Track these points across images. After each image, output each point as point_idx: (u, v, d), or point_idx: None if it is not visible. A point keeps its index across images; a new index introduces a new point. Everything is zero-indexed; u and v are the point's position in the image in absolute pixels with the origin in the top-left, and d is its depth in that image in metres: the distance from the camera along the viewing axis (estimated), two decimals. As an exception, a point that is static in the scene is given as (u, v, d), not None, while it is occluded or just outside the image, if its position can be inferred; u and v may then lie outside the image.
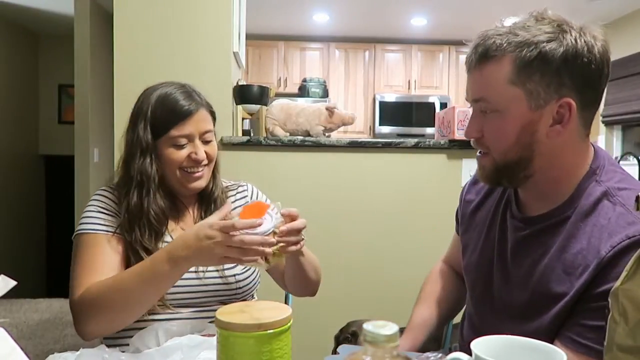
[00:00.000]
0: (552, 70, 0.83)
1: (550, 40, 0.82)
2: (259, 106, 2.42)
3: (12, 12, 4.40)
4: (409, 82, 5.38)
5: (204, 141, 1.14)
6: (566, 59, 0.82)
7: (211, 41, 2.20)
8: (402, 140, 2.24)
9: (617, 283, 0.60)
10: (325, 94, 5.08)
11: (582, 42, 0.83)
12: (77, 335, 1.01)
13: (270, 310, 0.72)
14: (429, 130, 5.12)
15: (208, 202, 1.21)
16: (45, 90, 5.08)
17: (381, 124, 5.22)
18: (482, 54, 0.86)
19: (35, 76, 5.05)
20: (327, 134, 2.33)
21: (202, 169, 1.15)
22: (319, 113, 2.28)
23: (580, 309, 0.82)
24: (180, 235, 0.97)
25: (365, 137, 5.15)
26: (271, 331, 0.68)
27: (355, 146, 2.22)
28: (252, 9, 3.46)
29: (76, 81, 3.72)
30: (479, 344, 0.64)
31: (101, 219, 1.10)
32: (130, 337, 1.01)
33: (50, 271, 5.01)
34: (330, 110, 2.27)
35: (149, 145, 1.11)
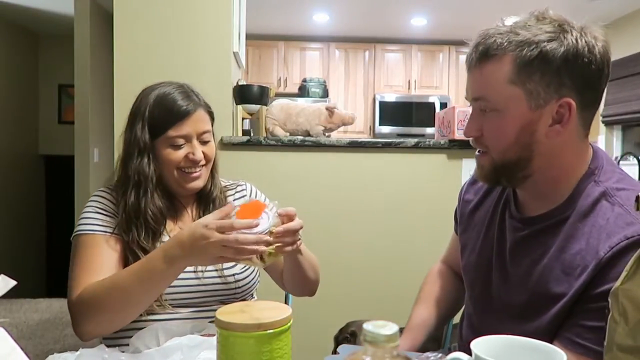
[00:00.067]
0: (553, 70, 0.82)
1: (551, 40, 0.82)
2: (259, 106, 2.42)
3: (12, 12, 4.39)
4: (409, 82, 5.38)
5: (201, 141, 1.14)
6: (567, 59, 0.82)
7: (211, 41, 2.20)
8: (402, 140, 2.24)
9: (617, 283, 0.60)
10: (325, 94, 5.07)
11: (583, 42, 0.83)
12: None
13: (270, 310, 0.72)
14: (429, 130, 5.11)
15: (206, 202, 1.21)
16: (45, 90, 5.08)
17: (381, 124, 5.22)
18: (483, 53, 0.86)
19: (35, 76, 5.05)
20: (327, 134, 2.32)
21: (199, 169, 1.14)
22: (319, 113, 2.28)
23: (579, 309, 0.82)
24: (176, 235, 0.97)
25: (365, 137, 5.15)
26: (271, 331, 0.68)
27: (355, 146, 2.22)
28: (252, 9, 3.46)
29: (76, 81, 3.72)
30: (478, 344, 0.64)
31: (99, 219, 1.10)
32: (130, 337, 1.01)
33: (50, 271, 5.01)
34: (330, 110, 2.27)
35: (146, 145, 1.11)
